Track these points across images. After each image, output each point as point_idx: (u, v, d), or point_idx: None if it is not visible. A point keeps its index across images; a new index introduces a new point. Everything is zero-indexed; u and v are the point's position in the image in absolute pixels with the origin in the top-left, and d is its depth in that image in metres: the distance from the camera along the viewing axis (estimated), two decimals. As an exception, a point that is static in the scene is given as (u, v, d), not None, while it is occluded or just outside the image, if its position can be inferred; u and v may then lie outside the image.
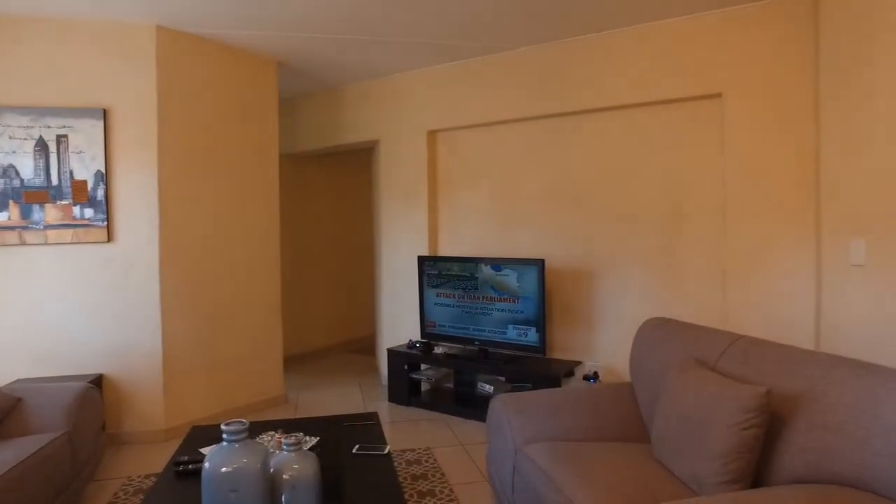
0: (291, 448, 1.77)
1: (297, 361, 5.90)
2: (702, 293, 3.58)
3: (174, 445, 3.53)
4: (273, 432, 2.47)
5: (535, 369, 3.72)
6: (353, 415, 2.82)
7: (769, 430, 1.78)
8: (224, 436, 1.63)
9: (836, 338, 3.01)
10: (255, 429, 2.57)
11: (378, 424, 2.69)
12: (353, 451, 2.32)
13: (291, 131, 5.53)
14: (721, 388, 1.85)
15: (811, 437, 1.67)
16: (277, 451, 1.79)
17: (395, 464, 3.18)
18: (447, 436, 3.66)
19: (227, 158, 4.02)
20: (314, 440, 2.40)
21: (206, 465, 1.60)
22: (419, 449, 3.41)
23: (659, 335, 2.50)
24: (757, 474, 1.80)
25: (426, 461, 3.22)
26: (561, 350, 4.08)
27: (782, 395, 1.80)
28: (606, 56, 3.78)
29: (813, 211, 3.20)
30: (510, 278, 3.85)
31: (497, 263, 3.94)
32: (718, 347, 2.16)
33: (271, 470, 1.69)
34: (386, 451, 2.34)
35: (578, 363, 3.91)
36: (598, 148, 3.93)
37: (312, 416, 3.90)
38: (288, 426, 2.63)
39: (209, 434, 2.55)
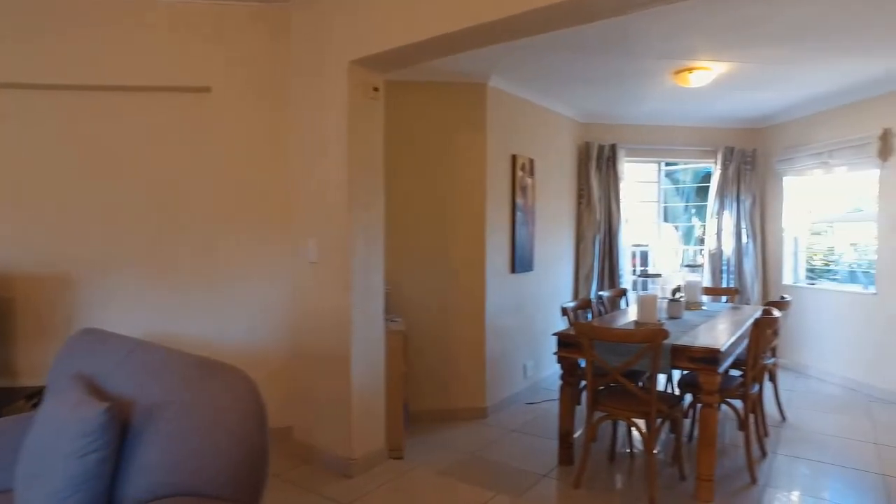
0: None
1: None
2: (191, 297, 3.39)
3: None
4: None
5: (-25, 402, 2.92)
6: None
7: (126, 447, 1.59)
8: None
9: (303, 329, 3.18)
10: None
11: None
12: None
13: None
14: (70, 409, 1.58)
15: (165, 449, 1.54)
16: None
17: None
18: None
19: None
20: None
21: None
22: None
23: (75, 348, 2.13)
24: (113, 500, 1.59)
25: None
26: (30, 373, 3.32)
27: (146, 406, 1.64)
28: (94, 25, 3.23)
29: (289, 213, 3.32)
30: (-72, 288, 2.94)
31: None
32: (116, 358, 1.92)
33: None
34: None
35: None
36: (77, 134, 3.33)
37: None
38: None
39: None
